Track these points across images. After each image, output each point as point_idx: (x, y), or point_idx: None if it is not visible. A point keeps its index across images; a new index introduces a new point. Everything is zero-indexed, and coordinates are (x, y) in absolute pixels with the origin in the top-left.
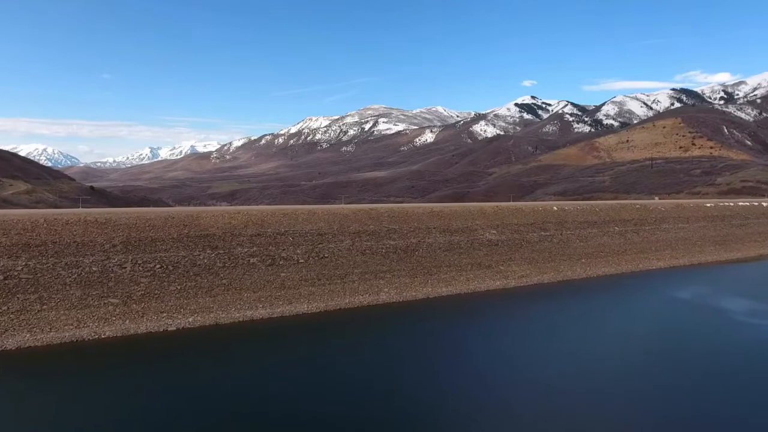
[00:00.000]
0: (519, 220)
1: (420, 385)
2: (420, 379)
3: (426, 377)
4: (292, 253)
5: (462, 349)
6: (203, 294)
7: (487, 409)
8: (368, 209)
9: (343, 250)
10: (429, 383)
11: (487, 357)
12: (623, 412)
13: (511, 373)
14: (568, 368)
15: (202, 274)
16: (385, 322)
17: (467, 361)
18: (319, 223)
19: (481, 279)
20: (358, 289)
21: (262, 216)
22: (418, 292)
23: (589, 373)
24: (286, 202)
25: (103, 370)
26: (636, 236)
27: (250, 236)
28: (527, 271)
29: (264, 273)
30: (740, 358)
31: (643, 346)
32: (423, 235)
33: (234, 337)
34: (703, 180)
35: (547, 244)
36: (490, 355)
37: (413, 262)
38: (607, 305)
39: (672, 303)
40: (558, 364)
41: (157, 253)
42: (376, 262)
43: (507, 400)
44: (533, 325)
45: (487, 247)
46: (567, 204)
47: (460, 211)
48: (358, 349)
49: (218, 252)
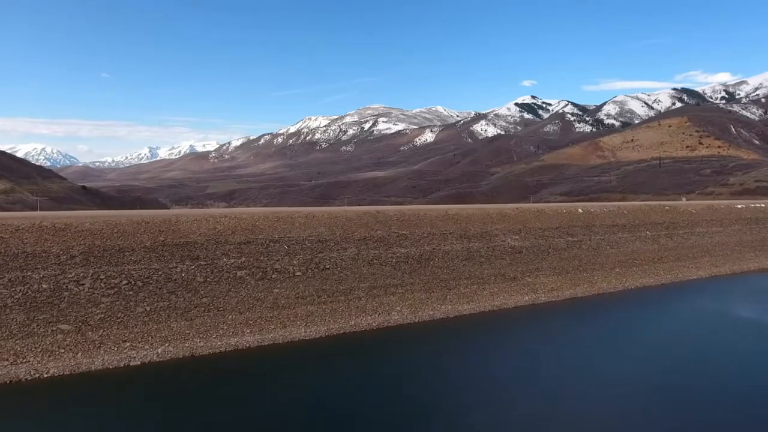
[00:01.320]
0: (543, 224)
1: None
2: (446, 425)
3: (453, 421)
4: (287, 264)
5: (496, 385)
6: (178, 316)
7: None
8: (375, 212)
9: (347, 261)
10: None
11: (525, 394)
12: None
13: (553, 412)
14: (617, 403)
15: (178, 291)
16: (400, 351)
17: (502, 400)
18: (319, 228)
19: (506, 293)
20: (366, 307)
21: (252, 220)
22: (435, 310)
23: (644, 409)
24: (285, 202)
25: (38, 423)
26: (670, 241)
27: (238, 244)
28: (558, 283)
29: (253, 289)
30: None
31: (705, 377)
32: (438, 241)
33: (213, 373)
34: (714, 180)
35: (575, 251)
36: (529, 392)
37: (428, 273)
38: (656, 326)
39: (730, 323)
40: (606, 399)
41: (125, 266)
42: (385, 274)
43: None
44: (574, 351)
45: (511, 255)
46: (592, 206)
47: (478, 213)
48: (368, 387)
49: (199, 263)
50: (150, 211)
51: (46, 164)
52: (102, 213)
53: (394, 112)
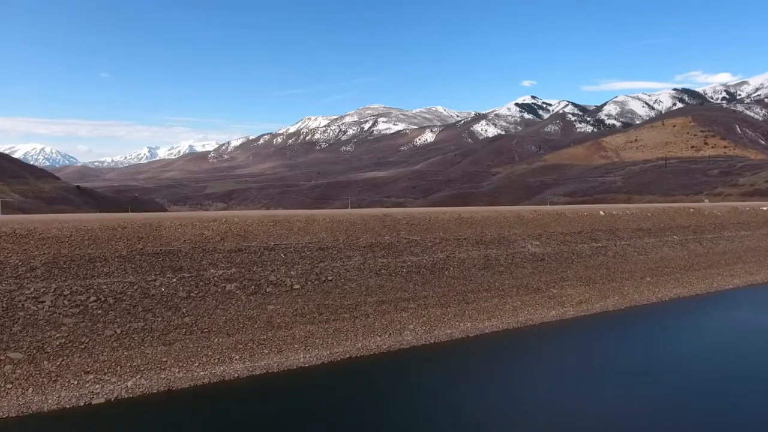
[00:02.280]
0: (564, 228)
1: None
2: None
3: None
4: (283, 275)
5: (527, 418)
6: (154, 340)
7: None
8: (382, 215)
9: (352, 271)
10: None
11: (561, 428)
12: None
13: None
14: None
15: (155, 309)
16: (416, 379)
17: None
18: (321, 233)
19: (531, 307)
20: (374, 326)
21: (245, 225)
22: (453, 328)
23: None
24: (284, 202)
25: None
26: (699, 247)
27: (228, 252)
28: (586, 294)
29: (244, 305)
30: None
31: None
32: (452, 248)
33: (193, 411)
34: (722, 180)
35: (601, 259)
36: (566, 426)
37: (443, 285)
38: (699, 345)
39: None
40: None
41: (94, 279)
42: (395, 286)
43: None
44: (613, 377)
45: (532, 263)
46: (614, 208)
47: (494, 217)
48: (379, 426)
49: (182, 276)
50: (129, 214)
51: (45, 164)
52: (73, 217)
53: (393, 112)
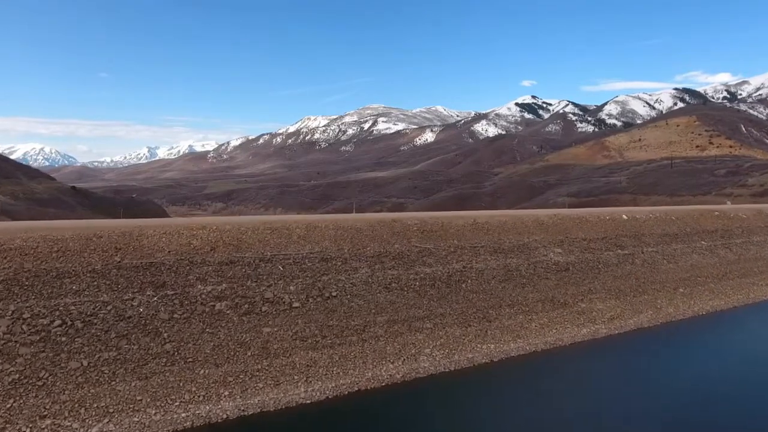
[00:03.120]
0: (586, 234)
1: None
2: None
3: None
4: (281, 291)
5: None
6: (128, 373)
7: None
8: (390, 221)
9: (359, 285)
10: None
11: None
12: None
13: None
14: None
15: (131, 334)
16: (437, 415)
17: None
18: (323, 242)
19: (559, 325)
20: (386, 351)
21: (238, 233)
22: (475, 351)
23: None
24: (283, 203)
25: None
26: (729, 253)
27: (219, 265)
28: (617, 309)
29: (236, 328)
30: None
31: None
32: (469, 257)
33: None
34: (730, 181)
35: (629, 267)
36: None
37: (461, 300)
38: (753, 370)
39: None
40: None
41: (61, 299)
42: (408, 302)
43: None
44: (665, 414)
45: (556, 273)
46: (637, 211)
47: (511, 222)
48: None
49: (164, 293)
50: (107, 221)
51: (45, 164)
52: (42, 224)
53: (393, 111)
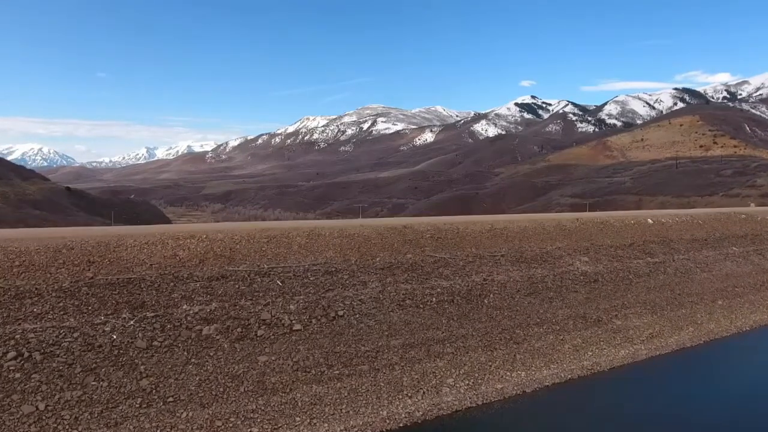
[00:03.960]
0: (612, 240)
1: None
2: None
3: None
4: (280, 311)
5: None
6: (95, 419)
7: None
8: (401, 227)
9: (369, 302)
10: None
11: None
12: None
13: None
14: None
15: (101, 367)
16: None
17: None
18: (327, 251)
19: (595, 346)
20: (402, 382)
21: (231, 242)
22: (504, 380)
23: None
24: (282, 203)
25: None
26: (764, 260)
27: (208, 281)
28: (655, 326)
29: (227, 358)
30: None
31: None
32: (489, 268)
33: None
34: (737, 181)
35: (662, 278)
36: None
37: (484, 318)
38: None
39: None
40: None
41: (19, 324)
42: (425, 322)
43: None
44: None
45: (584, 285)
46: (661, 214)
47: (531, 227)
48: None
49: (143, 315)
50: (81, 228)
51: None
52: (4, 234)
53: (392, 112)
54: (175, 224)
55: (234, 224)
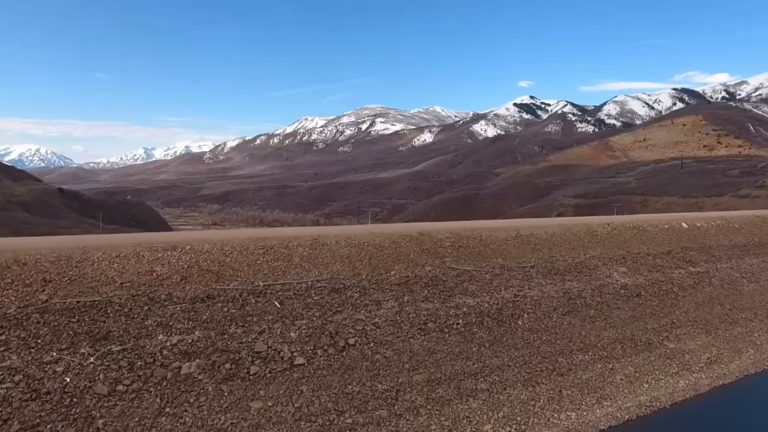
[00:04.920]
0: (648, 248)
1: None
2: None
3: None
4: (278, 340)
5: None
6: None
7: None
8: (417, 234)
9: (385, 326)
10: None
11: None
12: None
13: None
14: None
15: (45, 423)
16: None
17: None
18: (334, 264)
19: (649, 376)
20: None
21: (221, 254)
22: (553, 425)
23: None
24: (281, 204)
25: None
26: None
27: (191, 303)
28: (712, 349)
29: (211, 404)
30: None
31: None
32: (519, 281)
33: None
34: (745, 181)
35: (708, 290)
36: None
37: (519, 343)
38: None
39: None
40: None
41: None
42: (452, 350)
43: None
44: None
45: (627, 300)
46: (696, 218)
47: (560, 233)
48: None
49: (108, 350)
50: (39, 239)
51: (41, 165)
52: None
53: (391, 112)
54: (154, 233)
55: (225, 233)
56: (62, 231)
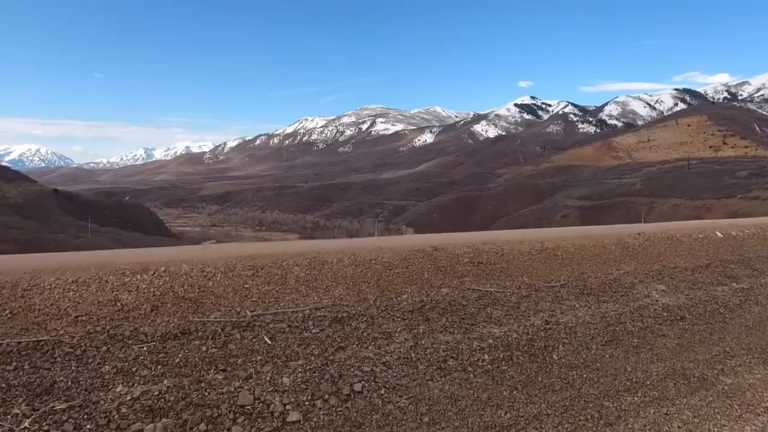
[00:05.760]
0: (686, 261)
1: None
2: None
3: None
4: (268, 388)
5: None
6: None
7: None
8: (430, 249)
9: (398, 366)
10: None
11: None
12: None
13: None
14: None
15: None
16: None
17: None
18: (336, 287)
19: (710, 422)
20: None
21: (201, 276)
22: None
23: None
24: (281, 205)
25: None
26: None
27: (161, 340)
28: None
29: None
30: None
31: None
32: (549, 303)
33: None
34: (755, 183)
35: (757, 310)
36: None
37: (556, 383)
38: None
39: None
40: None
41: None
42: (478, 395)
43: None
44: None
45: (671, 325)
46: (730, 226)
47: (588, 246)
48: None
49: (49, 409)
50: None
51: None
52: None
53: (391, 112)
54: (127, 249)
55: (207, 250)
56: (46, 237)
